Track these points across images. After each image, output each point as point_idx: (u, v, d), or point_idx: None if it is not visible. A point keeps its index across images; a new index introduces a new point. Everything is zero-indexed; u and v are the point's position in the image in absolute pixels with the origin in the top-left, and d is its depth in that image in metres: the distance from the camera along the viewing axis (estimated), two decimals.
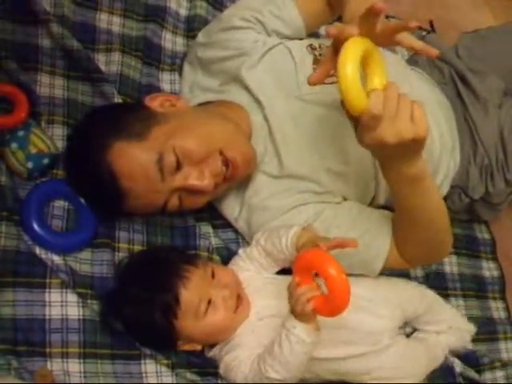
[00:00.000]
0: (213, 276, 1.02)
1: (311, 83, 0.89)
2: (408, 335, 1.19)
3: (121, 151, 1.00)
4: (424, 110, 0.84)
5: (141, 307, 0.98)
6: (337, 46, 0.83)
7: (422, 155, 0.90)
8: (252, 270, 1.08)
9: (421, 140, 0.85)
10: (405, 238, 1.05)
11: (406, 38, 0.83)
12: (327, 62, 0.87)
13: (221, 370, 1.03)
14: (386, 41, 0.84)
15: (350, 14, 0.95)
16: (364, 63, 0.84)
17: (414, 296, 1.18)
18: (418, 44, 0.83)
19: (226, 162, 1.05)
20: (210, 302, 0.99)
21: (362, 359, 1.07)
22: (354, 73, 0.79)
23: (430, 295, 1.22)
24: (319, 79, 0.89)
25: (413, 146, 0.86)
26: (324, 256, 0.88)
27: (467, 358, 1.27)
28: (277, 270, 1.09)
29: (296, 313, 0.91)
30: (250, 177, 1.14)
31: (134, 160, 1.00)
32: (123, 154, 1.00)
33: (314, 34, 1.30)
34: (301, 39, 1.23)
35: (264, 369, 0.94)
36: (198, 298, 0.98)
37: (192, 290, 0.98)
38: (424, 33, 1.64)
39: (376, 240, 1.07)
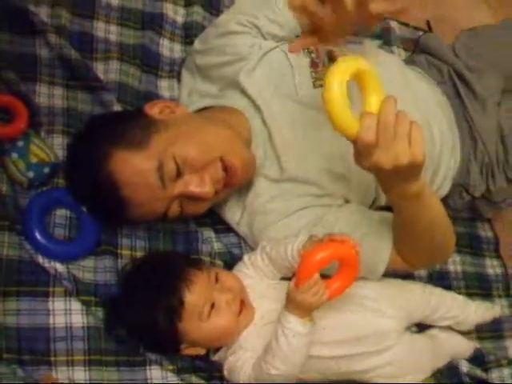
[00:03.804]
0: (216, 280, 1.03)
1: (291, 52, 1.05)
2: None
3: (121, 160, 1.00)
4: (422, 133, 0.82)
5: (145, 309, 0.98)
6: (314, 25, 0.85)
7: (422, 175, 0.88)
8: (255, 278, 1.08)
9: (418, 165, 0.83)
10: (406, 246, 1.05)
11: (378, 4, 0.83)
12: (307, 36, 0.96)
13: (225, 372, 1.03)
14: (361, 15, 0.84)
15: None
16: (359, 83, 0.82)
17: (422, 299, 1.17)
18: (393, 6, 0.84)
19: (226, 169, 1.05)
20: (213, 305, 0.99)
21: (367, 358, 1.07)
22: (341, 98, 0.77)
23: (437, 293, 1.22)
24: (298, 49, 1.07)
25: (410, 170, 0.84)
26: (330, 244, 0.92)
27: (473, 356, 1.26)
28: (279, 278, 1.09)
29: (311, 306, 0.93)
30: (250, 181, 1.14)
31: (134, 168, 1.00)
32: (123, 162, 1.00)
33: None
34: None
35: (265, 367, 0.95)
36: (202, 301, 0.98)
37: (196, 293, 0.98)
38: (421, 32, 1.64)
39: (378, 243, 1.06)
